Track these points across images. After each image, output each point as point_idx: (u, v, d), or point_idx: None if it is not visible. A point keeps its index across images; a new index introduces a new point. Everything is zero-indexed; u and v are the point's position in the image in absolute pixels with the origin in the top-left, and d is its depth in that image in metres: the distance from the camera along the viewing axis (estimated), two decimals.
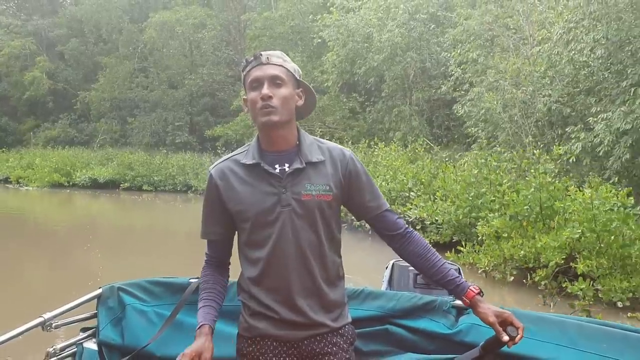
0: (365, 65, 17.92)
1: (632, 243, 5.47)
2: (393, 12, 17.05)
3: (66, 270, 7.97)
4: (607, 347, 1.69)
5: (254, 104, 1.58)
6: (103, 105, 29.23)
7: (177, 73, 28.19)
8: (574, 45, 9.18)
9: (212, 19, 27.66)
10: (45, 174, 21.30)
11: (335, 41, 18.49)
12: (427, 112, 17.73)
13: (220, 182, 1.63)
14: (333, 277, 1.66)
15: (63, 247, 10.12)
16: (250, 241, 1.63)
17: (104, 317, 1.95)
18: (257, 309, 1.62)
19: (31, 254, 9.24)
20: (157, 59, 28.65)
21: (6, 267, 7.90)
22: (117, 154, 23.22)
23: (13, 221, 13.77)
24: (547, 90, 10.52)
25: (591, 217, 5.46)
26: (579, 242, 5.58)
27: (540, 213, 6.27)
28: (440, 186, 8.67)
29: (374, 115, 19.11)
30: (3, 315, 4.95)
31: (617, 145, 8.22)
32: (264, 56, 1.60)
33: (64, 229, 12.58)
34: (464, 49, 12.71)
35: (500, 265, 6.23)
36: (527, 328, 1.70)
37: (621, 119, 8.03)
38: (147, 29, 26.85)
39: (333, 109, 20.29)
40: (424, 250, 1.68)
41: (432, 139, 16.67)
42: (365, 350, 1.93)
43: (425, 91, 17.23)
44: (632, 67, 8.30)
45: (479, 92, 11.61)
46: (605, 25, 8.24)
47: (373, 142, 14.36)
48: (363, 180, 1.67)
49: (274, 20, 23.81)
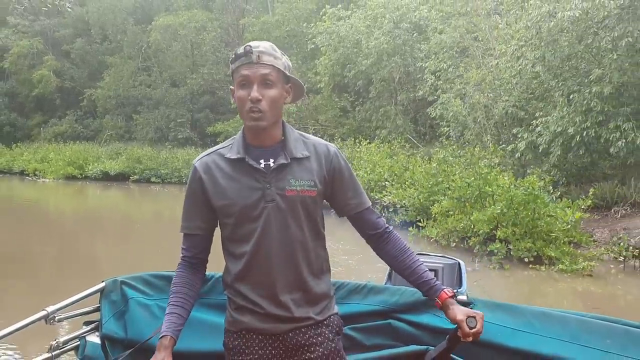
0: (355, 68, 19.69)
1: (541, 217, 7.43)
2: (380, 21, 18.78)
3: (84, 252, 9.34)
4: (610, 342, 1.69)
5: (242, 103, 1.57)
6: (109, 103, 30.86)
7: (179, 72, 29.86)
8: (522, 60, 11.11)
9: (213, 22, 29.39)
10: (60, 167, 23.12)
11: (328, 46, 20.28)
12: (411, 112, 19.50)
13: (204, 175, 1.62)
14: (318, 272, 1.66)
15: (82, 232, 11.80)
16: (233, 236, 1.63)
17: (107, 310, 1.94)
18: (242, 303, 1.63)
19: (55, 237, 11.00)
20: (160, 59, 30.37)
21: (36, 248, 9.47)
22: (125, 149, 25.01)
23: (38, 209, 15.65)
24: (505, 96, 12.44)
25: (509, 198, 7.42)
26: (502, 216, 7.53)
27: (479, 196, 8.22)
28: (409, 177, 10.62)
29: (363, 115, 20.88)
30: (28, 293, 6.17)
31: (553, 144, 10.17)
32: (254, 54, 1.57)
33: (82, 216, 14.41)
34: (437, 59, 14.62)
35: (446, 235, 8.21)
36: (530, 323, 1.77)
37: (555, 123, 9.97)
38: (152, 31, 28.56)
39: (325, 108, 22.11)
40: (400, 251, 1.70)
41: (416, 136, 18.51)
42: (368, 345, 1.93)
43: (409, 92, 18.94)
44: (564, 81, 10.21)
45: (447, 97, 13.54)
46: (543, 47, 10.14)
47: (358, 140, 16.22)
48: (346, 177, 1.68)
49: (271, 24, 25.52)
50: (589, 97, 9.29)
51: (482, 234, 7.58)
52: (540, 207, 7.40)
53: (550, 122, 10.10)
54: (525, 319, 1.78)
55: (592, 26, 9.40)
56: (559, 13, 9.22)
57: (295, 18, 24.95)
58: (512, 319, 1.76)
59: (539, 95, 11.87)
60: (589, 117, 9.35)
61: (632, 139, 8.71)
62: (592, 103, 9.25)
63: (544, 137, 10.23)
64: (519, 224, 7.36)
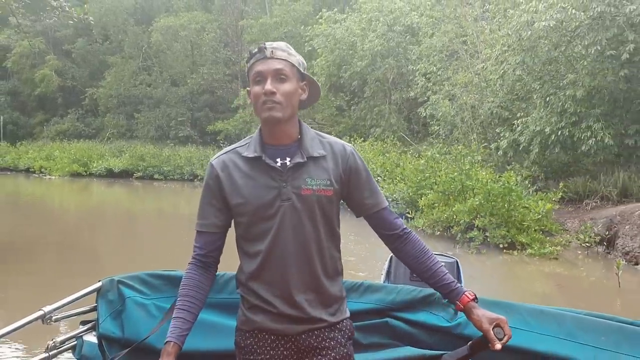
0: (350, 69, 20.54)
1: (515, 208, 8.31)
2: (374, 24, 19.53)
3: (88, 244, 9.99)
4: (605, 339, 1.72)
5: (257, 99, 1.58)
6: (110, 102, 31.49)
7: (179, 72, 30.60)
8: (504, 65, 11.97)
9: (212, 23, 30.15)
10: (65, 164, 23.93)
11: (324, 48, 21.11)
12: (405, 111, 20.30)
13: (221, 173, 1.63)
14: (332, 272, 1.66)
15: (88, 225, 12.54)
16: (248, 235, 1.63)
17: (104, 310, 1.95)
18: (255, 302, 1.62)
19: (62, 230, 11.87)
20: (161, 59, 31.11)
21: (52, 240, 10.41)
22: (129, 147, 25.81)
23: (45, 205, 16.45)
24: (490, 97, 13.31)
25: (487, 191, 8.29)
26: (481, 207, 8.40)
27: (461, 190, 9.09)
28: (400, 173, 11.49)
29: (358, 113, 21.70)
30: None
31: (532, 142, 11.04)
32: (268, 49, 1.59)
33: (88, 211, 15.19)
34: (427, 62, 15.48)
35: (431, 224, 9.10)
36: (526, 321, 1.79)
37: (534, 123, 10.84)
38: (153, 32, 29.31)
39: (322, 107, 22.91)
40: (420, 252, 1.68)
41: (410, 134, 19.36)
42: (365, 343, 1.94)
43: (403, 92, 19.64)
44: (542, 84, 11.07)
45: (437, 98, 14.41)
46: (523, 53, 11.00)
47: (353, 138, 17.07)
48: (363, 177, 1.68)
49: (269, 25, 26.28)
50: (564, 99, 10.17)
51: (463, 223, 8.46)
52: (515, 200, 8.27)
53: (530, 122, 10.98)
54: (521, 316, 1.82)
55: (566, 34, 10.25)
56: (536, 23, 10.06)
57: (292, 20, 25.76)
58: (509, 316, 1.74)
59: (522, 96, 12.73)
60: (563, 118, 10.23)
61: (601, 138, 9.58)
62: (566, 105, 10.13)
63: (524, 135, 11.11)
64: (496, 214, 8.24)
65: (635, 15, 9.17)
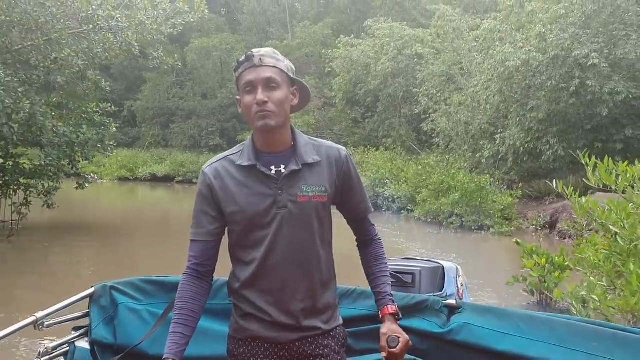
0: (365, 87, 23.62)
1: (485, 201, 11.38)
2: (386, 49, 22.52)
3: (159, 229, 13.49)
4: (596, 345, 1.71)
5: (249, 109, 1.56)
6: (147, 113, 34.81)
7: (210, 87, 34.00)
8: (487, 91, 15.02)
9: (240, 43, 33.51)
10: (114, 170, 27.33)
11: (342, 69, 24.23)
12: (414, 123, 23.16)
13: (214, 181, 1.61)
14: (327, 280, 1.67)
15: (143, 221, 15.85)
16: (243, 243, 1.62)
17: (96, 316, 1.95)
18: (249, 310, 1.61)
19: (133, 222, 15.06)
20: (195, 75, 34.53)
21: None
22: (168, 155, 29.13)
23: (101, 204, 19.75)
24: (480, 115, 16.33)
25: (464, 189, 11.37)
26: (460, 200, 11.47)
27: (447, 188, 12.17)
28: (403, 176, 14.60)
29: (372, 126, 24.69)
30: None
31: (508, 153, 14.07)
32: (256, 57, 1.57)
33: (142, 209, 18.46)
34: (428, 86, 18.61)
35: (425, 214, 12.21)
36: (517, 326, 1.81)
37: (509, 137, 13.89)
38: (188, 52, 32.73)
39: (340, 120, 26.13)
40: (373, 258, 1.75)
41: (418, 144, 22.29)
42: (358, 349, 1.96)
43: (412, 107, 22.38)
44: (515, 109, 14.08)
45: (437, 116, 17.51)
46: (500, 83, 14.04)
47: (367, 147, 20.20)
48: (355, 182, 1.70)
49: (292, 47, 29.57)
50: (530, 120, 13.19)
51: (447, 212, 11.56)
52: (485, 195, 11.34)
53: (507, 137, 14.02)
54: (513, 322, 1.82)
55: (530, 70, 13.26)
56: (507, 62, 13.11)
57: (313, 41, 29.00)
58: (500, 322, 1.77)
59: (504, 115, 15.76)
60: (529, 134, 13.25)
61: (556, 150, 12.58)
62: (532, 124, 13.15)
63: (503, 147, 14.15)
64: (470, 205, 11.32)
65: (580, 57, 12.15)
